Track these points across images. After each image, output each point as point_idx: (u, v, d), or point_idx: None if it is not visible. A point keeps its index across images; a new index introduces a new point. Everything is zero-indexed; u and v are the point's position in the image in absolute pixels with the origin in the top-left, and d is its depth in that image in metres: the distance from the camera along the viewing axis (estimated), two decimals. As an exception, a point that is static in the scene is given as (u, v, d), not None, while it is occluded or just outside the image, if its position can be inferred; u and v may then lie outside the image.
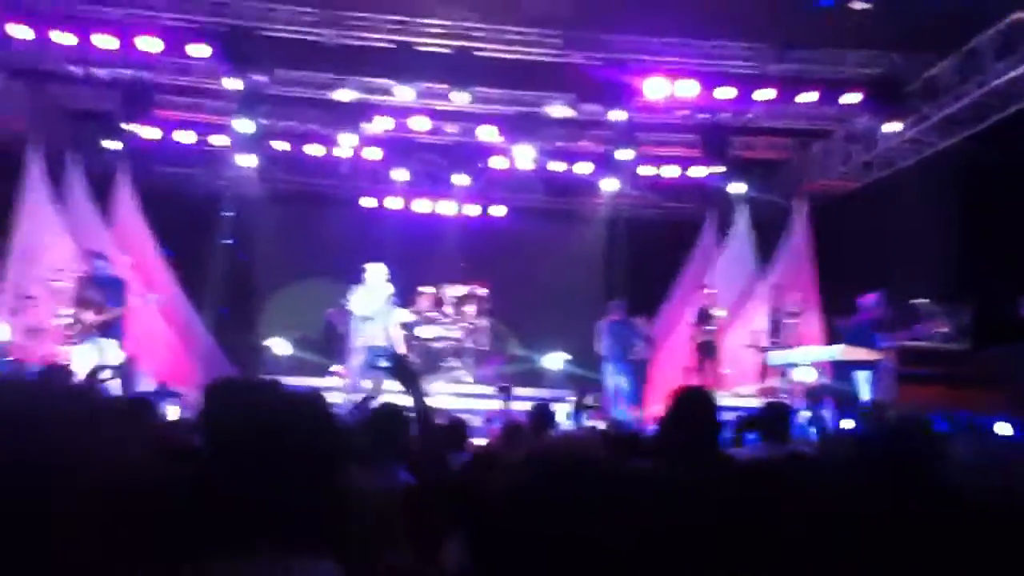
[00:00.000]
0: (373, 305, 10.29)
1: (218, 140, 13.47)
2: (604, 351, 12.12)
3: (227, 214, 14.57)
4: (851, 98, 11.38)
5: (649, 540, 1.20)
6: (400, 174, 14.40)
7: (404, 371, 3.61)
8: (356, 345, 10.40)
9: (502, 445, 5.75)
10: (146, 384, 10.46)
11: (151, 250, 13.27)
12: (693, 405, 3.59)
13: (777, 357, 11.93)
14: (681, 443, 3.43)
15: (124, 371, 9.42)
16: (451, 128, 13.43)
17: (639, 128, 13.11)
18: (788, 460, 4.37)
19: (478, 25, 11.00)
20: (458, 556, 2.14)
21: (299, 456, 1.43)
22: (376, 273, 10.45)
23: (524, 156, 13.36)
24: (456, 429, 5.64)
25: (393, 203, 15.11)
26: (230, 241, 14.53)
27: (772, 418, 5.42)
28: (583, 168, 14.15)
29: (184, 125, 13.30)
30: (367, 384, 10.16)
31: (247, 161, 13.53)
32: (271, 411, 1.50)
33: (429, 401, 3.54)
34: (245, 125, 12.22)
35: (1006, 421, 7.31)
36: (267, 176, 14.59)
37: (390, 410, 4.94)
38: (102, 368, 6.17)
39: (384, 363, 3.83)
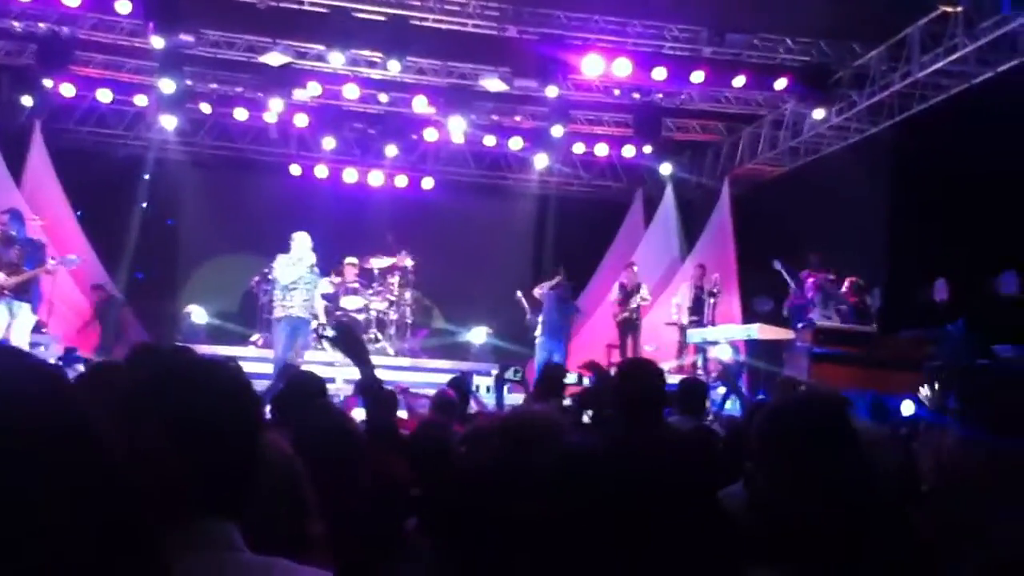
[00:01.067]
0: (296, 274, 10.13)
1: (140, 101, 13.05)
2: (545, 322, 11.98)
3: (146, 177, 14.13)
4: (782, 84, 11.53)
5: (605, 515, 1.18)
6: (329, 142, 14.14)
7: (351, 342, 3.52)
8: (277, 315, 10.23)
9: (434, 416, 5.77)
10: (53, 349, 10.12)
11: (64, 211, 12.81)
12: (642, 378, 3.62)
13: (696, 335, 12.14)
14: (629, 415, 3.45)
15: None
16: (383, 97, 13.22)
17: (573, 106, 13.12)
18: (699, 433, 4.47)
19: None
20: (420, 539, 2.12)
21: (211, 423, 1.39)
22: (301, 242, 10.28)
23: (456, 129, 13.25)
24: (390, 401, 5.61)
25: (321, 172, 14.84)
26: (146, 205, 14.12)
27: (688, 394, 5.55)
28: (515, 143, 14.11)
29: (104, 84, 12.83)
30: (288, 354, 10.01)
31: (169, 123, 13.12)
32: (183, 377, 1.46)
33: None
34: (167, 85, 11.83)
35: (911, 401, 7.56)
36: (190, 140, 14.20)
37: (306, 378, 4.86)
38: None
39: (330, 333, 3.74)
